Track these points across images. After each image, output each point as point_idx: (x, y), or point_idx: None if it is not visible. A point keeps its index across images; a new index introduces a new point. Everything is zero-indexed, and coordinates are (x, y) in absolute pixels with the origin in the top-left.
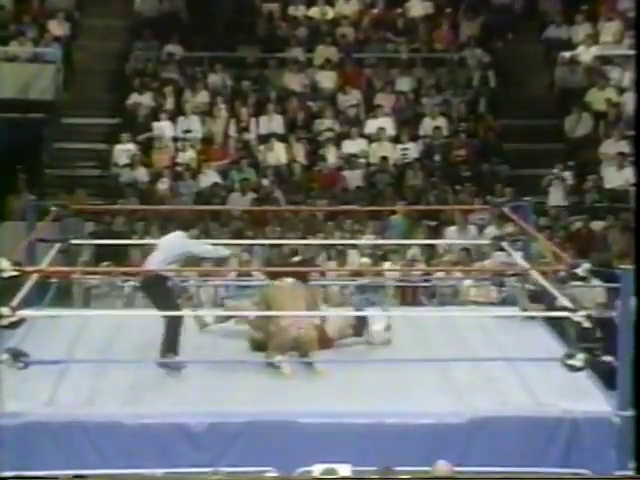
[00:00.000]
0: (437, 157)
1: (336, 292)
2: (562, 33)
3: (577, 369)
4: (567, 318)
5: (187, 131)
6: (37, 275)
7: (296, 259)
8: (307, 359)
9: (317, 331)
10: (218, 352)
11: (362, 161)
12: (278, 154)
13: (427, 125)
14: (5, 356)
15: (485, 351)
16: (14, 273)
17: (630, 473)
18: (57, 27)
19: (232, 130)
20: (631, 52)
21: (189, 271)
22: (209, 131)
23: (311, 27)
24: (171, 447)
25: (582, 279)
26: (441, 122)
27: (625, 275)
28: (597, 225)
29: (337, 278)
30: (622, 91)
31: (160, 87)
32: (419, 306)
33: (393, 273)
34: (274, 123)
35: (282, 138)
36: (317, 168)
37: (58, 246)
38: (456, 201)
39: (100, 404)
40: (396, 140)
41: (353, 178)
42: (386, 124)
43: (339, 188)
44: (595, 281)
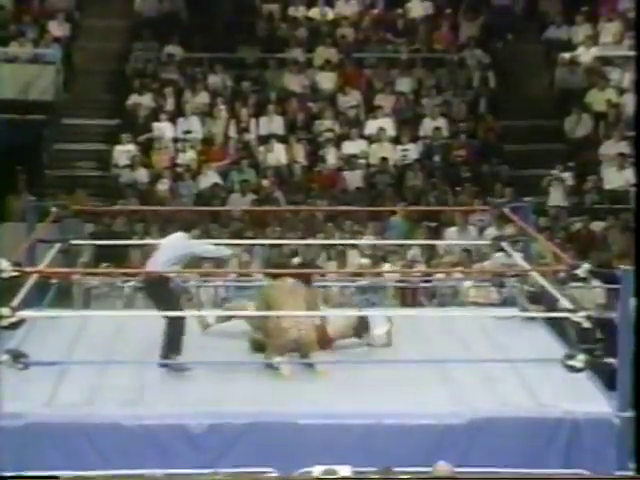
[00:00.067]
0: (437, 158)
1: (336, 293)
2: (562, 34)
3: (577, 370)
4: (567, 319)
5: (187, 132)
6: (37, 276)
7: (296, 260)
8: (308, 360)
9: (317, 331)
10: (219, 353)
11: (362, 162)
12: (278, 155)
13: (427, 126)
14: (5, 357)
15: (485, 352)
16: (14, 274)
17: (630, 473)
18: (57, 28)
19: (232, 131)
20: (631, 53)
21: (190, 273)
22: (209, 132)
23: (311, 28)
24: (171, 448)
25: (582, 280)
26: (441, 123)
27: (625, 276)
28: (597, 226)
29: (337, 279)
30: (622, 92)
31: (160, 88)
32: (419, 307)
33: (393, 274)
34: (274, 124)
35: (282, 139)
36: (317, 169)
37: (58, 247)
38: (456, 202)
39: (100, 405)
40: (396, 141)
41: (353, 179)
42: (386, 125)
43: (339, 189)
44: (595, 282)
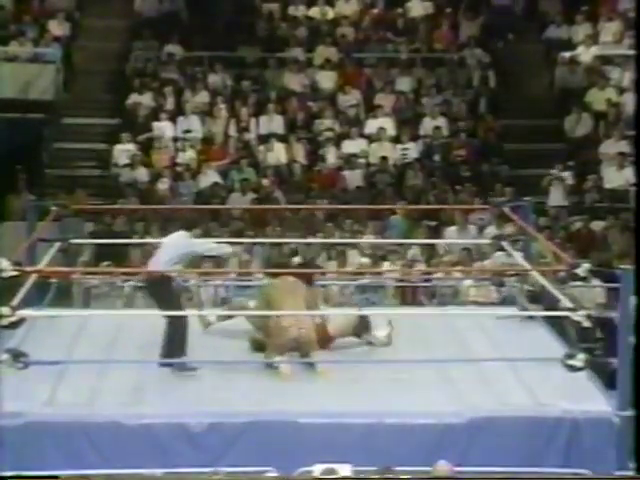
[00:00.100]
0: (437, 157)
1: (336, 292)
2: (562, 33)
3: (577, 369)
4: (567, 318)
5: (187, 131)
6: (37, 275)
7: (296, 259)
8: (308, 359)
9: (318, 329)
10: (219, 352)
11: (362, 161)
12: (278, 154)
13: (427, 125)
14: (5, 356)
15: (485, 351)
16: (14, 273)
17: (630, 473)
18: (57, 27)
19: (232, 130)
20: (631, 52)
21: (190, 272)
22: (209, 131)
23: (311, 27)
24: (171, 447)
25: (582, 279)
26: (441, 122)
27: (625, 275)
28: (597, 225)
29: (337, 278)
30: (622, 91)
31: (160, 87)
32: (419, 306)
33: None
34: (274, 123)
35: (282, 138)
36: (317, 168)
37: (58, 246)
38: (456, 201)
39: (100, 404)
40: (396, 140)
41: (353, 178)
42: (386, 124)
43: (339, 188)
44: (595, 281)
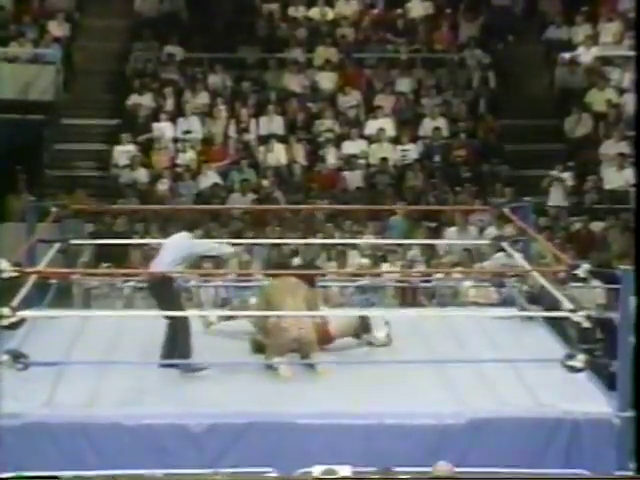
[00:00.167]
0: (437, 158)
1: (336, 293)
2: (562, 34)
3: (577, 370)
4: (567, 319)
5: (187, 132)
6: (37, 276)
7: (296, 260)
8: (308, 360)
9: (318, 328)
10: (219, 353)
11: (362, 162)
12: (278, 155)
13: (427, 126)
14: (5, 357)
15: (485, 352)
16: (14, 274)
17: (630, 473)
18: (57, 28)
19: (232, 131)
20: (631, 53)
21: (191, 273)
22: (209, 132)
23: (311, 28)
24: (171, 448)
25: (582, 280)
26: (441, 123)
27: (625, 275)
28: (597, 226)
29: (337, 279)
30: (622, 92)
31: (160, 88)
32: (419, 307)
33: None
34: (274, 124)
35: (282, 139)
36: (317, 169)
37: (57, 246)
38: (456, 202)
39: (100, 404)
40: (396, 141)
41: (353, 179)
42: (386, 125)
43: (339, 189)
44: (595, 282)
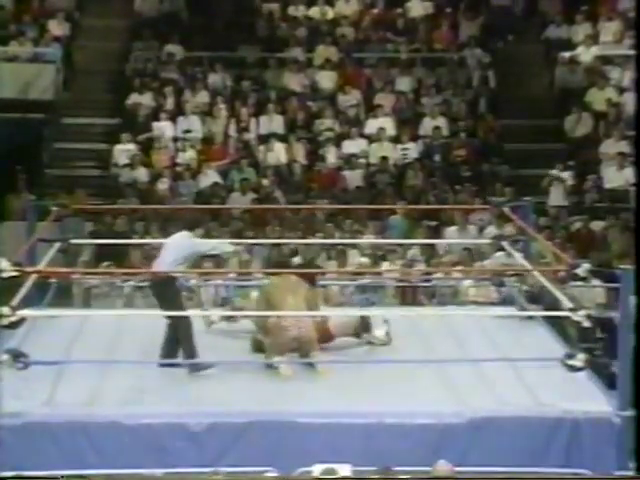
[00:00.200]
0: (437, 157)
1: (336, 292)
2: (562, 33)
3: (577, 369)
4: (567, 318)
5: (187, 131)
6: (37, 275)
7: (296, 260)
8: (308, 359)
9: (318, 327)
10: (220, 353)
11: (362, 161)
12: (278, 154)
13: (427, 125)
14: (5, 356)
15: (485, 351)
16: (14, 273)
17: (630, 473)
18: (57, 27)
19: (232, 130)
20: (631, 52)
21: (191, 273)
22: (209, 131)
23: (311, 27)
24: (171, 447)
25: (582, 279)
26: (441, 122)
27: (625, 275)
28: (597, 225)
29: (337, 278)
30: (622, 91)
31: (160, 87)
32: (419, 306)
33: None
34: (274, 123)
35: (282, 138)
36: (317, 168)
37: (57, 246)
38: (456, 201)
39: (100, 404)
40: (396, 140)
41: (353, 178)
42: (386, 124)
43: (339, 188)
44: (595, 281)
